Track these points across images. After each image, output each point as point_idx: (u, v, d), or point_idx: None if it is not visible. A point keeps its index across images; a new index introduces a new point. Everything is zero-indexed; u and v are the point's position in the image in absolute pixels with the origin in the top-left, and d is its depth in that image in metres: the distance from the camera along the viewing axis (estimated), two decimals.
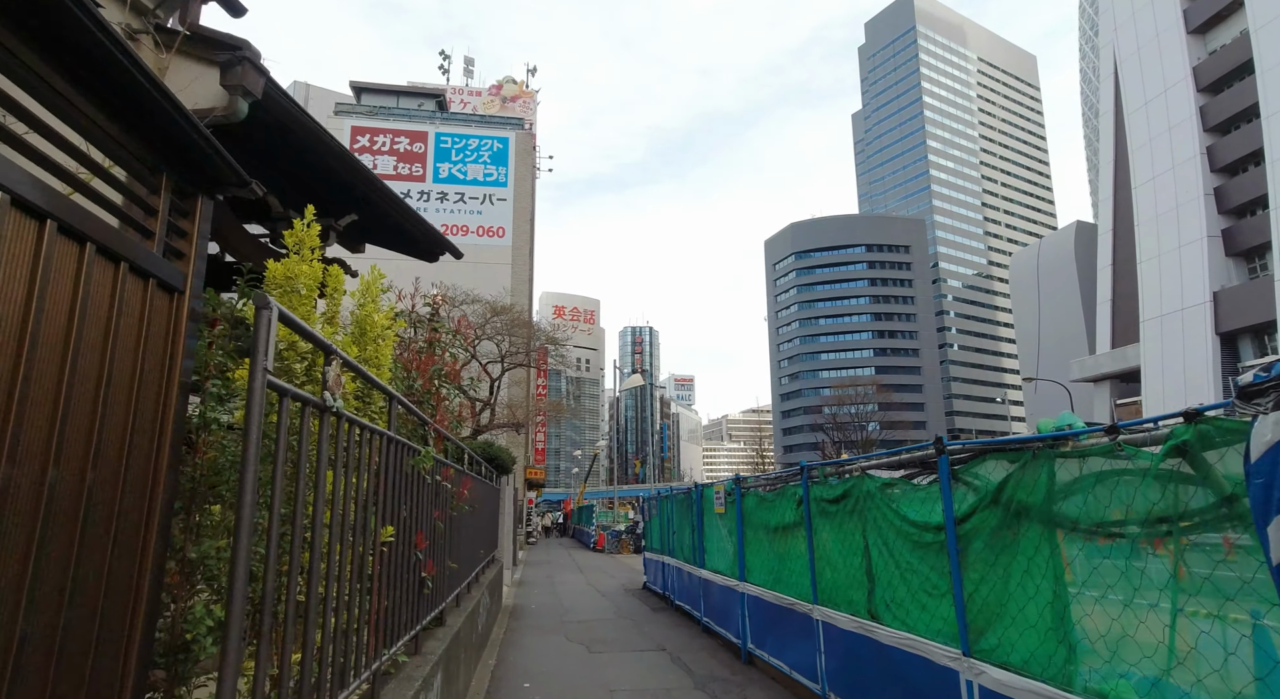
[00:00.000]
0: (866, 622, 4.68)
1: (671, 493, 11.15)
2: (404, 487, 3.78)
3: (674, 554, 10.84)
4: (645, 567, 13.76)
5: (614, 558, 22.79)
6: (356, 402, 3.48)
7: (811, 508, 5.69)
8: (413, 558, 4.09)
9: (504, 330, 22.01)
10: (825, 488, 5.49)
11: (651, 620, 10.29)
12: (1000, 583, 3.27)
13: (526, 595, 12.84)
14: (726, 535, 7.94)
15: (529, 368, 24.99)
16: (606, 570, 18.50)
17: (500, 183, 29.87)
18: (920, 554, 4.04)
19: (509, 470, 11.39)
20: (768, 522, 6.70)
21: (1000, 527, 3.29)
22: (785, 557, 6.27)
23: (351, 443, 2.61)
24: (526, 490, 28.17)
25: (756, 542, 7.11)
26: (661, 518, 11.91)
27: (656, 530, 12.47)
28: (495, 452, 10.67)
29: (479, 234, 29.47)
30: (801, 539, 5.82)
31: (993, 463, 3.42)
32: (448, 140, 29.81)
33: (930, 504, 4.01)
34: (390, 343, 3.73)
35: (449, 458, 5.47)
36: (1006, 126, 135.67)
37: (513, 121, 31.96)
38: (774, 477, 7.05)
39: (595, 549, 25.97)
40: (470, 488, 6.25)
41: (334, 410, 2.32)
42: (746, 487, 7.61)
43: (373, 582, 3.05)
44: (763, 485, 7.31)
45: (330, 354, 2.32)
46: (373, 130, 29.06)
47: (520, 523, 26.79)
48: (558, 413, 26.73)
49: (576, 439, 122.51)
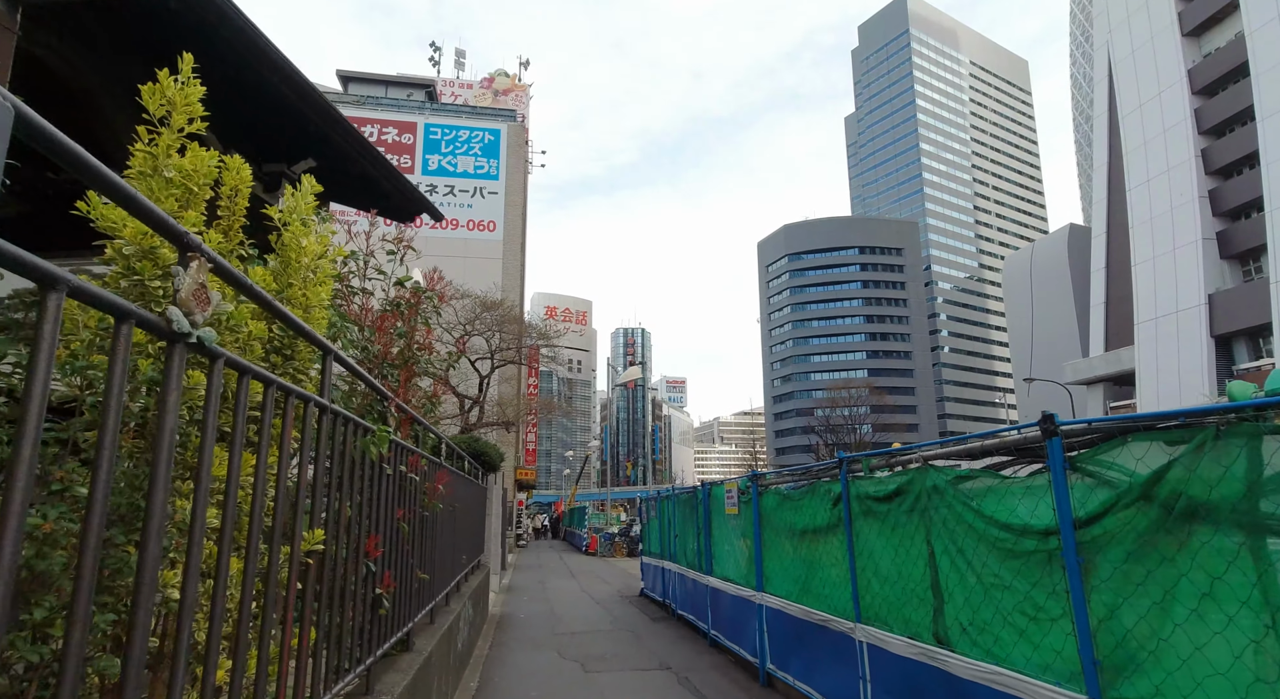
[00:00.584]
0: (932, 648, 3.78)
1: (673, 493, 10.20)
2: (349, 477, 2.83)
3: (676, 559, 9.98)
4: (643, 572, 12.81)
5: (607, 562, 21.79)
6: (275, 357, 2.53)
7: (853, 507, 4.79)
8: (362, 570, 3.14)
9: (494, 325, 21.03)
10: (871, 483, 4.57)
11: (652, 633, 9.41)
12: (1155, 609, 2.38)
13: (515, 603, 11.98)
14: (739, 539, 7.10)
15: (520, 365, 23.96)
16: (600, 575, 17.50)
17: (491, 175, 28.82)
18: (1016, 566, 3.14)
19: (497, 468, 10.41)
20: (792, 524, 5.81)
21: (1153, 531, 2.41)
22: (815, 564, 5.37)
23: (252, 404, 1.69)
24: (517, 491, 27.10)
25: (777, 546, 6.21)
26: (662, 520, 10.98)
27: (656, 533, 11.53)
28: (482, 447, 9.64)
29: (469, 228, 28.42)
30: (838, 544, 4.91)
31: (1138, 446, 2.53)
32: (437, 131, 28.74)
33: (1031, 501, 3.12)
34: (329, 285, 2.78)
35: (423, 448, 4.55)
36: (998, 130, 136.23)
37: (505, 113, 30.94)
38: (800, 470, 6.11)
39: (588, 552, 24.97)
40: (448, 484, 5.32)
41: (190, 338, 1.38)
42: (765, 484, 6.72)
43: (286, 609, 2.11)
44: (784, 481, 6.39)
45: (186, 246, 1.38)
46: (360, 120, 27.89)
47: (510, 525, 25.77)
48: (549, 412, 25.55)
49: (568, 440, 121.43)
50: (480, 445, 9.66)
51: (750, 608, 6.76)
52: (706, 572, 8.32)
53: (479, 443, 9.84)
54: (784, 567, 6.05)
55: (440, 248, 27.40)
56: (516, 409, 21.45)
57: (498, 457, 10.16)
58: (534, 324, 22.37)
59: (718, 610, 8.00)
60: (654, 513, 11.81)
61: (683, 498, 9.65)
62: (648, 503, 12.67)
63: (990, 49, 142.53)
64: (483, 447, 9.63)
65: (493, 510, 10.20)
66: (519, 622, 10.26)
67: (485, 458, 9.32)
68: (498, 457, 10.16)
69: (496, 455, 10.09)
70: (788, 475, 6.34)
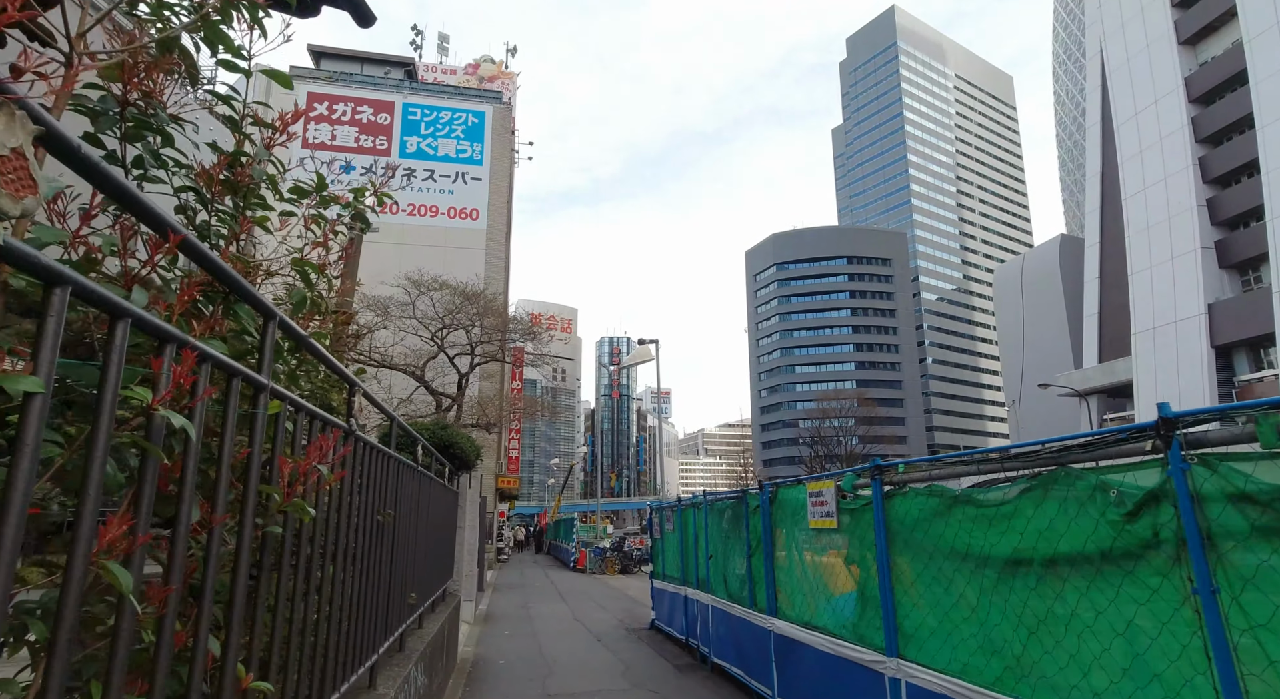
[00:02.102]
0: None
1: (703, 500, 7.80)
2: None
3: (710, 589, 7.58)
4: (654, 599, 10.38)
5: (599, 580, 19.66)
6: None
7: (1224, 518, 2.32)
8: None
9: (475, 317, 19.05)
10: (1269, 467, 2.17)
11: (681, 691, 6.91)
12: None
13: (494, 639, 9.39)
14: (825, 565, 5.03)
15: (503, 363, 22.00)
16: (595, 597, 15.16)
17: (475, 160, 26.83)
18: None
19: (472, 466, 8.22)
20: (983, 547, 3.46)
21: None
22: (1051, 625, 3.04)
23: None
24: (498, 501, 24.97)
25: (936, 585, 3.87)
26: (683, 536, 8.60)
27: (673, 552, 9.20)
28: (452, 437, 7.43)
29: (450, 216, 26.38)
30: (1121, 587, 2.65)
31: None
32: (417, 112, 26.66)
33: None
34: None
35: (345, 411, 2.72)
36: (983, 143, 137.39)
37: (490, 94, 29.03)
38: (1015, 451, 3.54)
39: (576, 569, 22.89)
40: (394, 479, 3.45)
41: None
42: (897, 481, 4.26)
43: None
44: (950, 474, 3.94)
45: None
46: (331, 97, 25.82)
47: (491, 538, 23.69)
48: (533, 410, 23.39)
49: (550, 450, 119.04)
50: (450, 434, 7.42)
51: (874, 683, 4.27)
52: (767, 611, 6.02)
53: (449, 431, 7.56)
54: (957, 620, 3.67)
55: (418, 236, 25.53)
56: (499, 408, 19.41)
57: (473, 451, 7.93)
58: (519, 318, 20.38)
59: (795, 670, 5.49)
60: (670, 526, 9.46)
61: (723, 507, 7.27)
62: (661, 513, 10.11)
63: (976, 63, 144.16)
64: (453, 436, 7.43)
65: (467, 521, 8.12)
66: (497, 672, 7.81)
67: (456, 451, 7.24)
68: (473, 451, 7.93)
69: (472, 450, 7.88)
70: (950, 464, 3.83)
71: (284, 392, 1.88)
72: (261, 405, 1.69)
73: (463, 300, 18.96)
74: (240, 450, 1.62)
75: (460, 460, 7.35)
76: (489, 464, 24.33)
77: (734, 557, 6.71)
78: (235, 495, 1.59)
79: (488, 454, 24.57)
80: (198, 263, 1.42)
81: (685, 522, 8.57)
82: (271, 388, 1.76)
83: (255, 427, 1.64)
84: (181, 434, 1.26)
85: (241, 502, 1.58)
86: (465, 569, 7.75)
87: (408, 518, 4.21)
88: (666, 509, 9.80)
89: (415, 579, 4.45)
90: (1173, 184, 48.16)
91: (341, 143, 25.75)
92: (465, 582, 8.18)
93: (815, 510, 4.66)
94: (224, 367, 1.47)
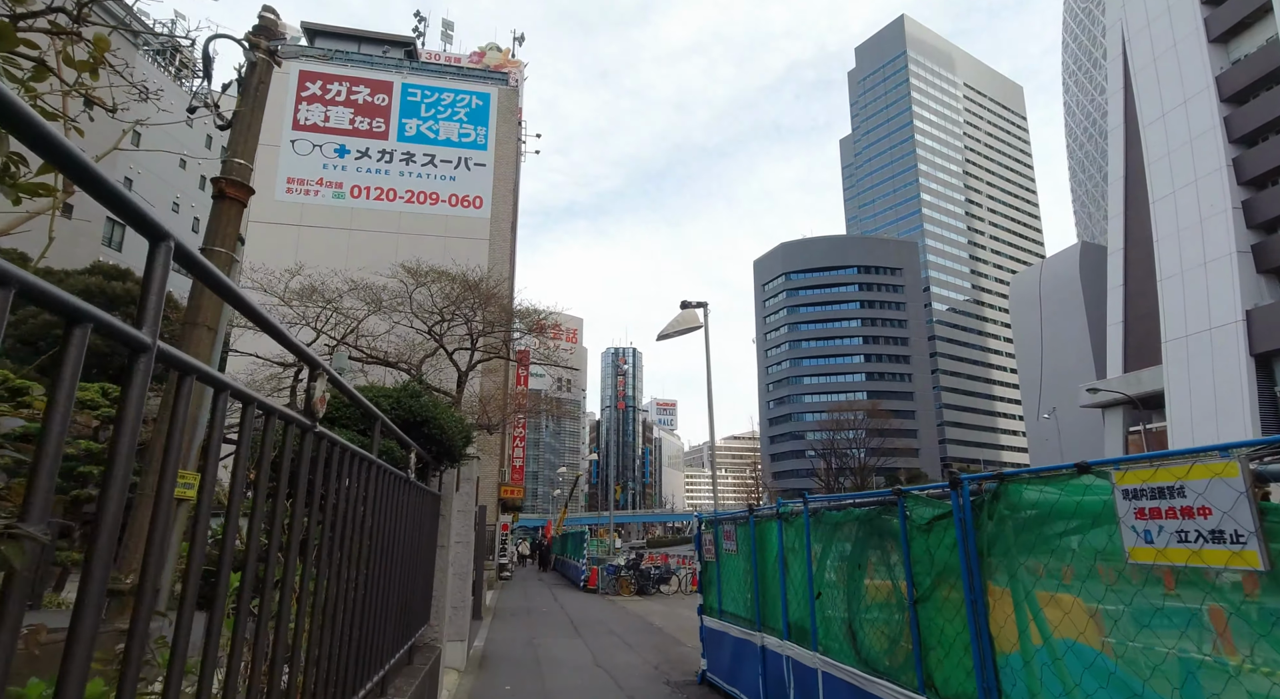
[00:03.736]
0: None
1: (782, 510, 5.65)
2: None
3: (816, 644, 5.00)
4: (706, 642, 7.84)
5: (614, 603, 17.49)
6: None
7: None
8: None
9: (477, 307, 17.09)
10: None
11: None
12: None
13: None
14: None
15: (507, 359, 20.02)
16: (615, 629, 12.42)
17: (479, 145, 24.96)
18: None
19: (459, 456, 5.78)
20: None
21: None
22: None
23: None
24: (500, 512, 22.75)
25: None
26: (758, 559, 6.14)
27: (738, 581, 6.74)
28: (428, 410, 5.09)
29: (451, 203, 24.48)
30: None
31: None
32: (416, 93, 24.85)
33: None
34: None
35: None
36: (993, 151, 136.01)
37: (495, 76, 27.27)
38: None
39: (586, 588, 20.78)
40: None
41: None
42: None
43: None
44: None
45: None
46: (326, 77, 24.06)
47: (492, 555, 21.64)
48: (538, 409, 20.89)
49: (555, 461, 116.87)
50: (425, 406, 5.05)
51: None
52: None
53: (423, 402, 5.11)
54: None
55: (416, 225, 23.64)
56: (501, 406, 17.34)
57: (461, 435, 5.59)
58: (526, 310, 18.32)
59: None
60: (731, 544, 6.85)
61: (841, 517, 4.79)
62: (716, 527, 7.33)
63: (985, 73, 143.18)
64: (429, 409, 5.03)
65: (453, 536, 5.88)
66: None
67: (434, 433, 4.95)
68: (461, 435, 5.59)
69: (459, 432, 5.51)
70: None
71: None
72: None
73: (463, 290, 17.11)
74: None
75: (442, 448, 4.98)
76: (490, 470, 22.29)
77: (865, 599, 4.41)
78: None
79: (489, 460, 22.56)
80: None
81: (763, 539, 6.03)
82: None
83: None
84: None
85: None
86: (451, 601, 5.67)
87: (353, 537, 2.34)
88: (726, 521, 7.12)
89: (363, 644, 2.55)
90: (1204, 186, 46.57)
91: (335, 125, 24.07)
92: (453, 616, 6.05)
93: (1160, 529, 2.35)
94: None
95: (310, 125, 23.50)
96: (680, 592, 20.09)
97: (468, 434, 5.71)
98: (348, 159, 23.23)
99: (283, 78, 23.30)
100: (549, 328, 18.57)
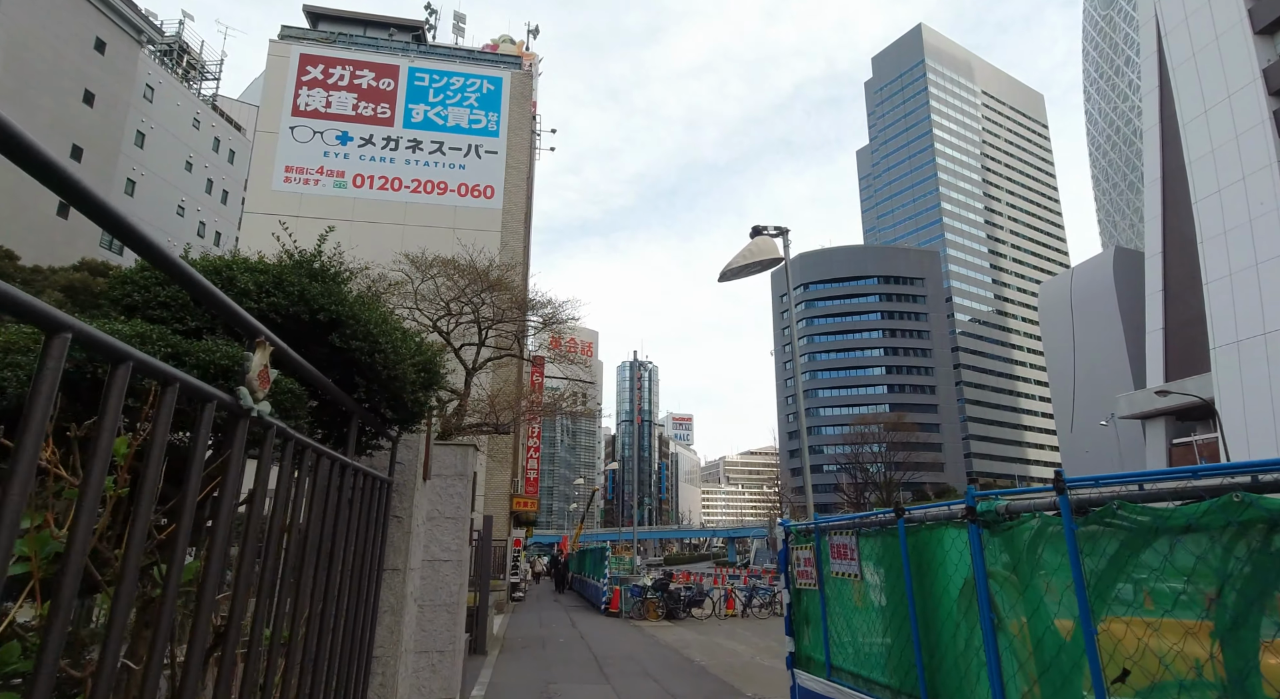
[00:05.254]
0: None
1: (982, 506, 3.23)
2: None
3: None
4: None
5: (641, 630, 15.38)
6: None
7: None
8: None
9: (484, 290, 15.27)
10: None
11: None
12: None
13: None
14: None
15: (520, 359, 18.22)
16: (649, 668, 10.14)
17: (490, 132, 23.42)
18: None
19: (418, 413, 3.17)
20: None
21: None
22: None
23: None
24: (512, 527, 20.77)
25: None
26: (917, 592, 3.84)
27: (862, 622, 4.53)
28: (333, 301, 2.67)
29: (460, 193, 22.87)
30: None
31: None
32: (424, 77, 23.38)
33: None
34: None
35: None
36: (1014, 160, 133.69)
37: (508, 60, 25.81)
38: None
39: (608, 612, 18.73)
40: None
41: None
42: None
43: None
44: None
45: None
46: (328, 60, 22.67)
47: (503, 573, 19.74)
48: (556, 408, 18.60)
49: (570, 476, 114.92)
50: (331, 296, 2.65)
51: None
52: None
53: (327, 289, 2.69)
54: None
55: (423, 216, 21.99)
56: (513, 403, 15.46)
57: (412, 366, 3.00)
58: (540, 299, 16.57)
59: None
60: (847, 566, 4.66)
61: (1193, 517, 2.35)
62: (820, 537, 5.09)
63: (1005, 81, 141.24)
64: (338, 302, 2.70)
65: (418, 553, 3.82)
66: None
67: (353, 346, 2.66)
68: (412, 366, 3.00)
69: (406, 358, 2.93)
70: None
71: None
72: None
73: (470, 279, 15.43)
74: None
75: (387, 395, 2.80)
76: (502, 480, 20.46)
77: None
78: None
79: (501, 468, 20.76)
80: None
81: (924, 558, 3.79)
82: None
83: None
84: None
85: None
86: (427, 643, 3.79)
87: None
88: (838, 530, 4.78)
89: None
90: (1253, 183, 44.44)
91: (338, 110, 22.68)
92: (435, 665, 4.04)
93: None
94: None
95: (311, 111, 22.19)
96: (715, 616, 18.03)
97: (429, 365, 3.27)
98: (350, 146, 21.89)
99: (282, 62, 22.06)
100: (565, 320, 16.81)
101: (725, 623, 16.87)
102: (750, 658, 10.92)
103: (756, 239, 6.49)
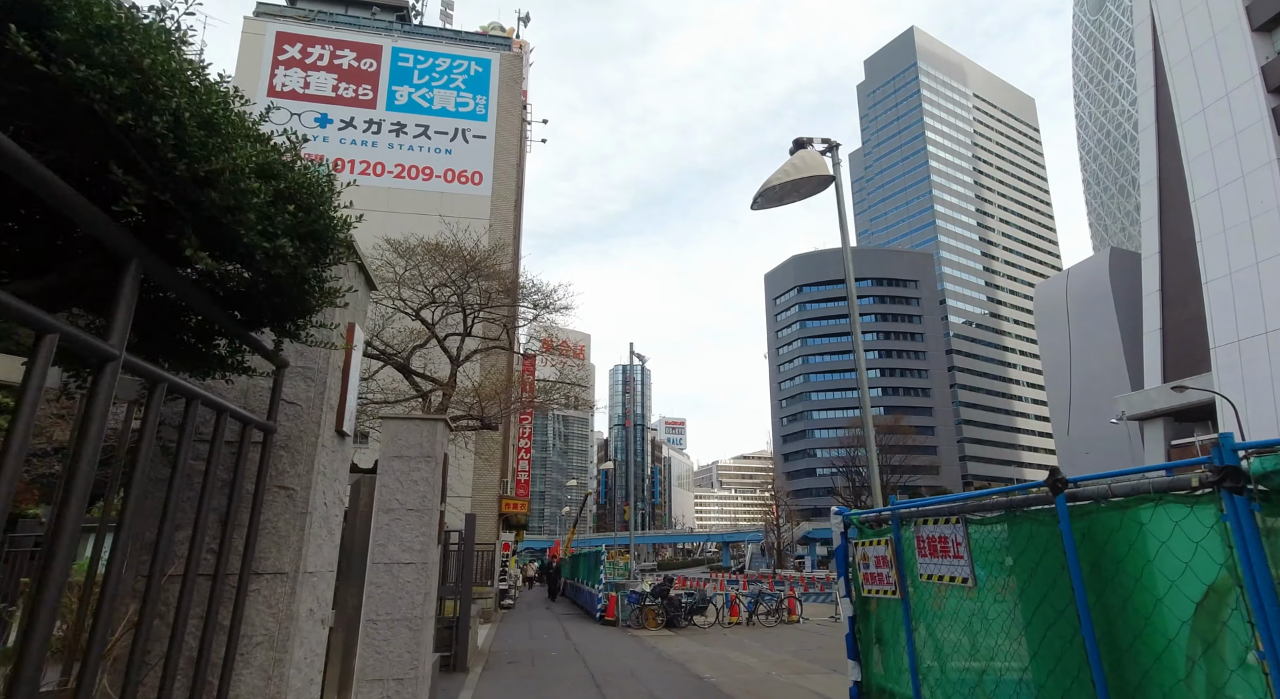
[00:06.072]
0: None
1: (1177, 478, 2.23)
2: None
3: None
4: None
5: (639, 640, 14.30)
6: None
7: None
8: None
9: (469, 273, 14.17)
10: None
11: None
12: None
13: None
14: None
15: (511, 352, 17.15)
16: (654, 687, 8.99)
17: (479, 115, 22.30)
18: None
19: (307, 304, 1.77)
20: None
21: None
22: None
23: None
24: (502, 529, 19.57)
25: None
26: (1096, 604, 2.59)
27: (981, 644, 3.19)
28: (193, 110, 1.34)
29: (447, 179, 21.72)
30: None
31: None
32: (409, 57, 22.24)
33: None
34: None
35: None
36: (1006, 163, 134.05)
37: (497, 40, 24.73)
38: None
39: (604, 620, 17.62)
40: None
41: None
42: None
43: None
44: None
45: None
46: (306, 39, 21.50)
47: (491, 580, 18.65)
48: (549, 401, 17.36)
49: (561, 480, 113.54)
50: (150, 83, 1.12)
51: None
52: None
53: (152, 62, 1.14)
54: None
55: (407, 202, 20.79)
56: (502, 394, 14.35)
57: (324, 221, 1.57)
58: (530, 285, 15.41)
59: None
60: (956, 567, 3.43)
61: None
62: (902, 523, 3.96)
63: (997, 84, 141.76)
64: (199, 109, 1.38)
65: (322, 541, 2.43)
66: None
67: (175, 166, 1.37)
68: (324, 221, 1.57)
69: (315, 213, 1.56)
70: None
71: None
72: None
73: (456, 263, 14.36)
74: None
75: (209, 229, 1.35)
76: (490, 480, 19.34)
77: None
78: None
79: (489, 467, 19.64)
80: None
81: (1104, 555, 2.60)
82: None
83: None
84: None
85: None
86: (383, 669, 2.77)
87: None
88: (933, 519, 3.67)
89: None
90: (1252, 181, 44.26)
91: (316, 91, 21.50)
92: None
93: None
94: None
95: (288, 92, 21.00)
96: (718, 624, 16.94)
97: (343, 224, 1.75)
98: (330, 129, 20.76)
99: (257, 39, 20.82)
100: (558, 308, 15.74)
101: (730, 632, 15.79)
102: (766, 673, 9.85)
103: (800, 153, 5.34)
